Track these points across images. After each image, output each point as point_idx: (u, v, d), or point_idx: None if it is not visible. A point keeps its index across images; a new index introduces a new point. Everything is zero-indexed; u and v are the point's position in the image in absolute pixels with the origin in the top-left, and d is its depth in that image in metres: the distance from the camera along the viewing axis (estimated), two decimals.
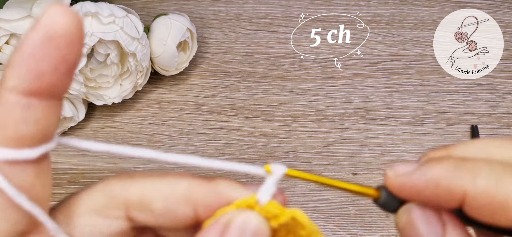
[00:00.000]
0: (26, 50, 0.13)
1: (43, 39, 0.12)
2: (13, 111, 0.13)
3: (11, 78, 0.13)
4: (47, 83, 0.13)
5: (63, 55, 0.13)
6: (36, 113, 0.13)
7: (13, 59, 0.13)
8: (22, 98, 0.13)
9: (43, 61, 0.13)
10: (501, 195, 0.13)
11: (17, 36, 0.37)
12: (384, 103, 0.43)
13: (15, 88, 0.13)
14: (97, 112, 0.43)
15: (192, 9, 0.49)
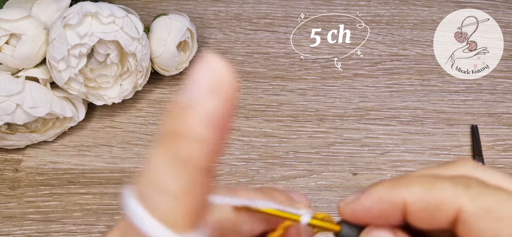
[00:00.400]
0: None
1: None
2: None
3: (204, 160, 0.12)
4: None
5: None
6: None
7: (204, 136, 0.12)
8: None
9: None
10: (433, 197, 0.15)
11: (17, 36, 0.37)
12: (384, 103, 0.43)
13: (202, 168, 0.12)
14: (97, 112, 0.43)
15: (192, 9, 0.49)
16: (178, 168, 0.11)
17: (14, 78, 0.37)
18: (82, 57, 0.37)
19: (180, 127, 0.12)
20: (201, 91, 0.12)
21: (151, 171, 0.12)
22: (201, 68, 0.12)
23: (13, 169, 0.39)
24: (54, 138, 0.41)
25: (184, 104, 0.12)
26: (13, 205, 0.37)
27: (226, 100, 0.12)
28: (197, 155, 0.12)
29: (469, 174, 0.15)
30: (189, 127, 0.11)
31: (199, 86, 0.12)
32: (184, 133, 0.11)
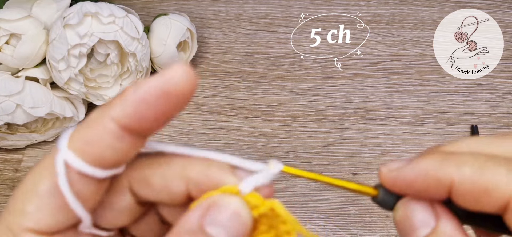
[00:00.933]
0: (141, 93, 0.14)
1: (160, 91, 0.14)
2: (106, 136, 0.15)
3: (117, 109, 0.15)
4: (144, 127, 0.15)
5: (168, 111, 0.15)
6: (122, 145, 0.15)
7: (126, 94, 0.15)
8: (118, 129, 0.15)
9: (150, 109, 0.14)
10: (484, 181, 0.14)
11: (17, 36, 0.37)
12: (384, 103, 0.43)
13: (116, 119, 0.15)
14: None
15: (192, 9, 0.49)
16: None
17: (14, 78, 0.37)
18: (82, 57, 0.37)
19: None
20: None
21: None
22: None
23: (13, 169, 0.39)
24: (54, 138, 0.41)
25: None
26: None
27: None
28: (113, 105, 0.15)
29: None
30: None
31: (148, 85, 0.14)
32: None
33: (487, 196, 0.14)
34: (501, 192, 0.14)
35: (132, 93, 0.14)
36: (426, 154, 0.16)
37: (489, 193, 0.14)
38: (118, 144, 0.15)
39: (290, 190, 0.39)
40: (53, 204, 0.15)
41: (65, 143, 0.15)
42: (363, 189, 0.17)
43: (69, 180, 0.15)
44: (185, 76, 0.14)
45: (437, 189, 0.15)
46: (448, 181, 0.15)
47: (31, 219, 0.15)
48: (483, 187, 0.14)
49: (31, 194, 0.15)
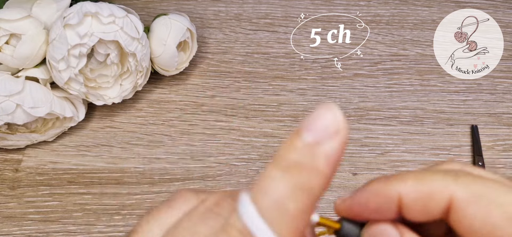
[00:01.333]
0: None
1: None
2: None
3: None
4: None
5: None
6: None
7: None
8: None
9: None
10: (426, 187, 0.15)
11: (17, 36, 0.37)
12: (384, 103, 0.43)
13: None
14: (97, 112, 0.43)
15: (192, 9, 0.49)
16: (299, 194, 0.14)
17: (14, 78, 0.37)
18: (82, 57, 0.37)
19: (305, 160, 0.14)
20: (328, 133, 0.14)
21: (271, 188, 0.14)
22: (325, 112, 0.14)
23: (13, 169, 0.39)
24: (54, 138, 0.41)
25: (309, 141, 0.14)
26: (13, 205, 0.37)
27: (343, 144, 0.14)
28: (316, 186, 0.14)
29: (457, 168, 0.16)
30: (314, 162, 0.14)
31: (326, 129, 0.14)
32: (308, 166, 0.14)
33: (431, 201, 0.15)
34: (442, 194, 0.15)
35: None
36: (372, 180, 0.17)
37: (432, 197, 0.15)
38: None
39: None
40: None
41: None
42: (327, 222, 0.17)
43: None
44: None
45: (389, 206, 0.16)
46: (396, 196, 0.16)
47: None
48: (426, 193, 0.15)
49: None
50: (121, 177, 0.39)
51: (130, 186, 0.38)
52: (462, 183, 0.15)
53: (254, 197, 0.14)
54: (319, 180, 0.14)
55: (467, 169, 0.16)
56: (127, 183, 0.38)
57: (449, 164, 0.17)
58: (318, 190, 0.14)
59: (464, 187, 0.15)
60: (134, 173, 0.39)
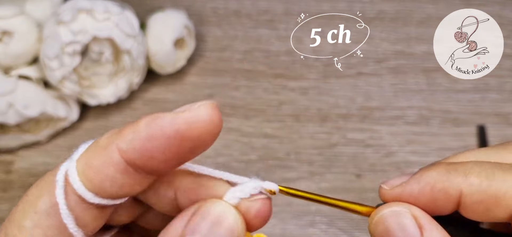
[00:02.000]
0: (153, 129, 0.13)
1: (174, 132, 0.13)
2: (109, 167, 0.14)
3: (126, 141, 0.14)
4: (151, 166, 0.14)
5: (181, 154, 0.14)
6: (125, 179, 0.14)
7: (139, 125, 0.14)
8: (123, 163, 0.14)
9: (160, 149, 0.13)
10: (494, 189, 0.14)
11: (9, 33, 0.36)
12: (388, 102, 0.42)
13: (123, 152, 0.14)
14: (91, 112, 0.42)
15: (190, 4, 0.48)
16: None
17: (6, 77, 0.37)
18: (76, 55, 0.36)
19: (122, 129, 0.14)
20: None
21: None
22: None
23: (6, 171, 0.39)
24: (47, 138, 0.40)
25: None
26: (5, 207, 0.37)
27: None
28: (123, 135, 0.14)
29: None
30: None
31: None
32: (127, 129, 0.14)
33: (497, 205, 0.14)
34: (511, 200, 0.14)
35: (144, 127, 0.13)
36: (429, 167, 0.15)
37: (500, 202, 0.14)
38: (120, 177, 0.14)
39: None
40: (49, 223, 0.15)
41: (72, 163, 0.15)
42: (364, 209, 0.16)
43: (69, 202, 0.14)
44: (207, 120, 0.13)
45: (445, 202, 0.14)
46: (457, 193, 0.14)
47: (26, 235, 0.15)
48: (493, 196, 0.14)
49: (30, 209, 0.15)
50: None
51: None
52: (468, 182, 0.14)
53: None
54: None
55: None
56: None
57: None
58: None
59: (471, 185, 0.14)
60: None
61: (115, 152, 0.14)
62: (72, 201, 0.14)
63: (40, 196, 0.15)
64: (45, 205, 0.15)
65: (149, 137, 0.13)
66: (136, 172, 0.14)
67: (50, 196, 0.15)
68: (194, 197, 0.16)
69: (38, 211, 0.15)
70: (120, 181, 0.14)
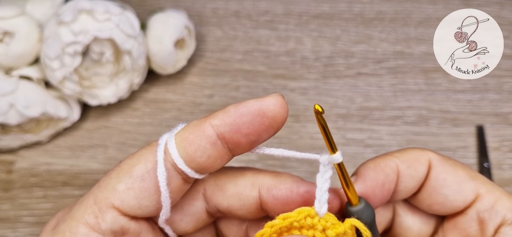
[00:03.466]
0: (241, 108, 0.17)
1: (257, 111, 0.17)
2: (203, 139, 0.17)
3: (219, 119, 0.17)
4: (236, 139, 0.18)
5: (260, 130, 0.18)
6: (213, 152, 0.17)
7: (228, 108, 0.17)
8: (215, 135, 0.17)
9: (246, 124, 0.17)
10: (413, 156, 0.21)
11: (10, 34, 0.36)
12: (388, 103, 0.42)
13: (215, 126, 0.17)
14: (92, 112, 0.42)
15: (190, 5, 0.48)
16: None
17: (7, 78, 0.37)
18: (76, 55, 0.36)
19: None
20: None
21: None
22: None
23: (7, 171, 0.39)
24: (48, 138, 0.40)
25: None
26: (6, 207, 0.37)
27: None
28: (217, 115, 0.18)
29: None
30: None
31: None
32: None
33: (418, 165, 0.20)
34: (424, 157, 0.21)
35: (233, 108, 0.17)
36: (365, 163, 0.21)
37: (418, 161, 0.20)
38: (210, 149, 0.17)
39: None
40: (142, 187, 0.17)
41: (172, 135, 0.17)
42: (350, 194, 0.19)
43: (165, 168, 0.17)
44: (280, 105, 0.18)
45: (392, 177, 0.20)
46: (396, 166, 0.20)
47: (118, 198, 0.17)
48: (414, 159, 0.21)
49: (124, 175, 0.17)
50: None
51: None
52: (432, 151, 0.20)
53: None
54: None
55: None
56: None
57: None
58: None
59: (436, 154, 0.20)
60: None
61: (208, 126, 0.17)
62: (167, 165, 0.17)
63: (135, 164, 0.17)
64: (140, 171, 0.17)
65: (238, 113, 0.17)
66: (222, 145, 0.17)
67: (146, 163, 0.17)
68: (276, 192, 0.18)
69: (133, 175, 0.17)
70: (209, 152, 0.17)
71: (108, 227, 0.17)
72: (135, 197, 0.17)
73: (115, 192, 0.17)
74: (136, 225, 0.18)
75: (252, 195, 0.18)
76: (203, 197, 0.19)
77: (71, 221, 0.17)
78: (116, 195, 0.17)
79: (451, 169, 0.20)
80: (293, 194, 0.18)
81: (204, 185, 0.19)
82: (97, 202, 0.17)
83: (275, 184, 0.18)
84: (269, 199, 0.18)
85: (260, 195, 0.18)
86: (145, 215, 0.18)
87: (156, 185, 0.17)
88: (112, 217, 0.17)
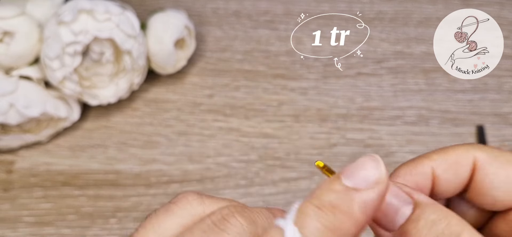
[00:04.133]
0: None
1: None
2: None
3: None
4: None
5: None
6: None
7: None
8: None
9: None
10: (453, 157, 0.18)
11: (10, 34, 0.36)
12: (388, 102, 0.42)
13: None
14: (92, 112, 0.42)
15: (190, 5, 0.48)
16: (329, 234, 0.14)
17: (7, 77, 0.37)
18: (76, 55, 0.36)
19: (341, 203, 0.14)
20: (368, 182, 0.15)
21: (302, 224, 0.14)
22: (368, 162, 0.15)
23: (6, 170, 0.39)
24: (48, 138, 0.40)
25: (348, 186, 0.15)
26: (6, 207, 0.37)
27: (382, 195, 0.15)
28: (347, 230, 0.14)
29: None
30: (350, 206, 0.14)
31: (366, 178, 0.15)
32: (343, 209, 0.14)
33: (459, 167, 0.18)
34: (466, 159, 0.18)
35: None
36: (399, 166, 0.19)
37: (459, 164, 0.18)
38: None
39: (291, 192, 0.38)
40: None
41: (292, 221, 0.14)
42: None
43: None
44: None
45: (424, 182, 0.18)
46: (430, 170, 0.18)
47: None
48: (454, 161, 0.18)
49: None
50: (117, 178, 0.38)
51: (126, 188, 0.37)
52: (480, 148, 0.18)
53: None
54: (351, 225, 0.14)
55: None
56: (123, 185, 0.37)
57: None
58: (348, 234, 0.14)
59: (484, 151, 0.18)
60: (130, 175, 0.38)
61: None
62: None
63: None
64: None
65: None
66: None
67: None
68: None
69: None
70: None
71: None
72: None
73: None
74: None
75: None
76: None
77: None
78: None
79: (500, 167, 0.17)
80: None
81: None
82: None
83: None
84: None
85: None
86: None
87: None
88: None
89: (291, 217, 0.14)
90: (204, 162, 0.39)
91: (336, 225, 0.14)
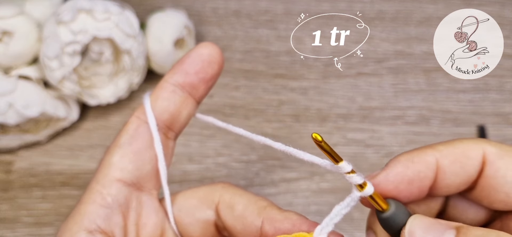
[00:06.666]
0: (183, 59, 0.21)
1: (195, 53, 0.21)
2: (164, 91, 0.21)
3: (174, 75, 0.21)
4: (189, 81, 0.21)
5: (204, 69, 0.21)
6: (175, 97, 0.21)
7: (182, 63, 0.21)
8: (171, 86, 0.21)
9: (190, 65, 0.21)
10: (461, 149, 0.17)
11: (9, 33, 0.36)
12: (388, 102, 0.42)
13: (170, 79, 0.21)
14: (91, 112, 0.42)
15: (190, 4, 0.48)
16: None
17: (6, 77, 0.37)
18: (76, 55, 0.36)
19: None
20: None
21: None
22: None
23: (5, 171, 0.38)
24: (47, 138, 0.40)
25: None
26: (5, 207, 0.37)
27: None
28: (172, 72, 0.22)
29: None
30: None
31: None
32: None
33: (467, 160, 0.17)
34: (476, 151, 0.17)
35: (186, 60, 0.21)
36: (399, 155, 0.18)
37: (468, 157, 0.17)
38: (171, 96, 0.21)
39: (291, 192, 0.37)
40: (132, 149, 0.20)
41: (148, 99, 0.21)
42: (378, 200, 0.16)
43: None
44: (209, 44, 0.22)
45: (426, 173, 0.17)
46: (434, 161, 0.17)
47: (116, 168, 0.19)
48: (461, 154, 0.17)
49: (114, 149, 0.20)
50: None
51: None
52: (489, 142, 0.17)
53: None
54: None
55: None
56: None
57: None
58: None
59: (493, 145, 0.16)
60: None
61: (166, 83, 0.22)
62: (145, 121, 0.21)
63: (119, 138, 0.20)
64: (125, 139, 0.20)
65: (180, 62, 0.22)
66: (181, 90, 0.21)
67: (127, 132, 0.20)
68: (279, 225, 0.19)
69: (121, 145, 0.20)
70: (171, 99, 0.22)
71: (115, 200, 0.19)
72: (130, 161, 0.19)
73: (112, 166, 0.19)
74: (138, 197, 0.20)
75: (255, 224, 0.19)
76: (215, 208, 0.21)
77: (80, 205, 0.19)
78: (113, 167, 0.19)
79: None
80: (295, 228, 0.18)
81: (220, 197, 0.21)
82: (99, 182, 0.19)
83: (280, 218, 0.19)
84: (270, 230, 0.19)
85: (262, 225, 0.19)
86: (144, 174, 0.20)
87: (144, 143, 0.20)
88: (116, 188, 0.19)
89: None
90: (204, 162, 0.39)
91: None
